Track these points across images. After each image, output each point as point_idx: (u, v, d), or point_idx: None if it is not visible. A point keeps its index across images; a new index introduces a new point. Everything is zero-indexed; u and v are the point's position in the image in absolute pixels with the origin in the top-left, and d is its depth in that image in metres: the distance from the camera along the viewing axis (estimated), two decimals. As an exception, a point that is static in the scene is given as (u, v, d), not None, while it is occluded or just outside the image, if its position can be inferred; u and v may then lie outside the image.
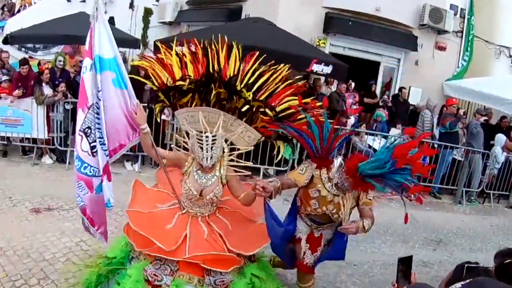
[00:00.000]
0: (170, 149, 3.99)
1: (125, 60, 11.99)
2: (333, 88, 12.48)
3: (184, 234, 3.95)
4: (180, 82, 4.18)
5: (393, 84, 14.39)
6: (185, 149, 4.26)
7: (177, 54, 4.39)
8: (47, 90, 9.21)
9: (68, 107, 9.29)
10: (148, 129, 4.18)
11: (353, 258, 6.87)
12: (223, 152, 4.13)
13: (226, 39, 4.49)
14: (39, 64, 10.68)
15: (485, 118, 12.34)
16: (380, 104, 12.82)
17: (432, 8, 13.29)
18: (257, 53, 4.38)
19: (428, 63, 14.19)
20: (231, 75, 4.18)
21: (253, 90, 4.19)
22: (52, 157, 9.61)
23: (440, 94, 14.27)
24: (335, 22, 12.56)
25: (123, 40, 10.95)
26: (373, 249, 7.50)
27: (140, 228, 3.88)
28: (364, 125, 11.54)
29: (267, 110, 4.22)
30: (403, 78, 14.18)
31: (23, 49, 12.80)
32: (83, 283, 4.36)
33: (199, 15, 15.46)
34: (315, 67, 9.95)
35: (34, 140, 9.42)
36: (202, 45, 4.43)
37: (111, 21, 13.09)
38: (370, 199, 4.51)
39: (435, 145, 11.50)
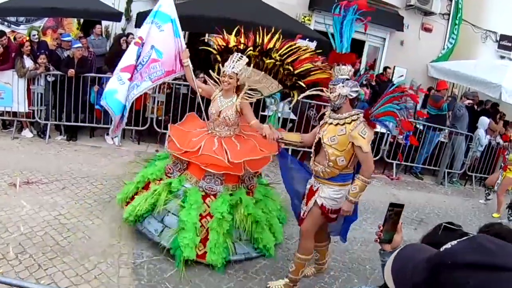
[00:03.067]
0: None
1: (108, 34, 11.77)
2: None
3: (199, 146, 5.34)
4: (233, 43, 5.40)
5: (377, 63, 14.38)
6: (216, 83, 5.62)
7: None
8: (29, 63, 8.96)
9: (50, 79, 9.06)
10: (189, 63, 5.71)
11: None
12: (243, 87, 5.42)
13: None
14: (14, 39, 10.42)
15: (470, 101, 12.34)
16: (364, 82, 12.61)
17: (420, -12, 13.22)
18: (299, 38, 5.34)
19: (413, 43, 14.21)
20: (270, 47, 5.25)
21: (281, 55, 5.23)
22: (33, 131, 9.39)
23: (424, 75, 14.36)
24: None
25: (107, 13, 10.74)
26: (353, 226, 7.17)
27: (173, 135, 5.64)
28: None
29: (286, 66, 5.24)
30: (387, 58, 14.16)
31: (5, 23, 12.50)
32: (131, 211, 5.56)
33: (185, -13, 15.18)
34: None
35: (14, 114, 9.19)
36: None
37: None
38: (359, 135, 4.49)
39: (418, 126, 11.54)
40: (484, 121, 12.03)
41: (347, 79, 4.50)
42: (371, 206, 8.59)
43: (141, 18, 10.18)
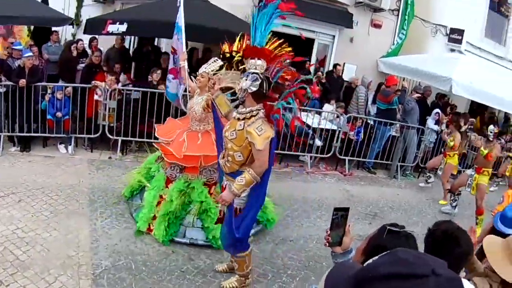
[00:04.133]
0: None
1: (58, 39, 11.70)
2: None
3: (173, 137, 6.31)
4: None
5: (327, 61, 14.49)
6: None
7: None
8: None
9: (1, 90, 8.88)
10: (185, 64, 6.77)
11: (289, 233, 7.11)
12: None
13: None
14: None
15: (418, 95, 12.66)
16: (314, 80, 12.76)
17: (369, -15, 13.35)
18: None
19: (363, 40, 14.33)
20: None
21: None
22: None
23: (374, 71, 14.52)
24: None
25: (57, 20, 10.72)
26: (308, 224, 7.69)
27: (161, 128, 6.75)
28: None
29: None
30: (337, 55, 14.23)
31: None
32: (126, 189, 7.11)
33: (133, -7, 15.15)
34: None
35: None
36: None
37: (45, 0, 12.76)
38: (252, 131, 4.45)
39: (370, 121, 11.88)
40: (434, 112, 12.54)
41: (254, 73, 4.45)
42: (325, 203, 8.84)
43: (90, 25, 10.20)
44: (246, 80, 4.44)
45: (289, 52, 4.83)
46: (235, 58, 4.66)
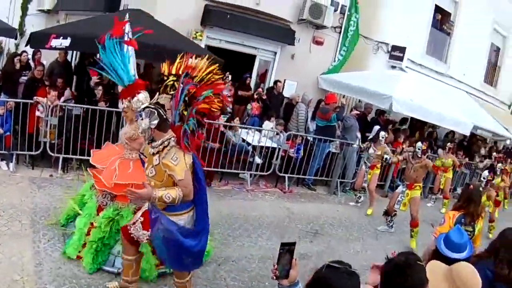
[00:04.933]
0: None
1: (1, 49, 11.76)
2: None
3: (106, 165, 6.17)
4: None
5: (268, 77, 14.75)
6: None
7: None
8: None
9: None
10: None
11: (231, 253, 7.23)
12: None
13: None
14: None
15: (358, 112, 13.07)
16: (255, 96, 13.20)
17: (313, 3, 13.70)
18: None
19: (304, 57, 14.63)
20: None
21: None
22: None
23: (315, 88, 14.90)
24: (213, 14, 12.66)
25: (2, 29, 10.77)
26: (250, 244, 7.82)
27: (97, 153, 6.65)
28: (238, 118, 11.76)
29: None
30: (278, 71, 14.51)
31: None
32: (62, 216, 6.88)
33: (77, 4, 15.21)
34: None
35: None
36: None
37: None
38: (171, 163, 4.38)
39: (310, 139, 12.25)
40: (375, 129, 12.92)
41: (144, 108, 4.40)
42: (265, 221, 9.03)
43: (34, 38, 10.18)
44: (142, 119, 4.38)
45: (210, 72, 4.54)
46: (167, 82, 4.48)
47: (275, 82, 14.01)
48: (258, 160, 11.28)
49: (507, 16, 21.90)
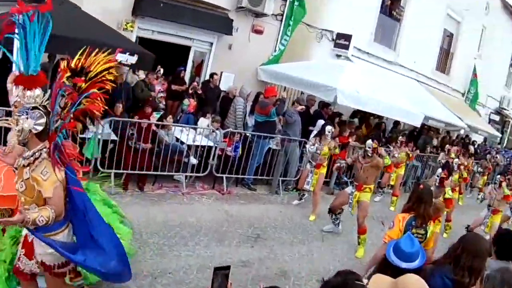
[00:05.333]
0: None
1: None
2: (141, 75, 12.62)
3: None
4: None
5: (203, 70, 14.80)
6: None
7: None
8: None
9: None
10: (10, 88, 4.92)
11: (167, 264, 7.32)
12: None
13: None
14: None
15: (302, 107, 13.23)
16: (190, 91, 13.32)
17: (252, -10, 13.64)
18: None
19: (243, 47, 14.73)
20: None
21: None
22: None
23: (254, 80, 15.07)
24: (144, 4, 12.55)
25: None
26: (187, 253, 7.92)
27: None
28: (171, 116, 11.76)
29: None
30: (214, 63, 14.55)
31: None
32: None
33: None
34: (120, 57, 9.89)
35: None
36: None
37: None
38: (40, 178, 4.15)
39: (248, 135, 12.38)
40: (319, 123, 12.99)
41: (34, 108, 4.11)
42: (203, 226, 9.15)
43: None
44: (26, 118, 4.08)
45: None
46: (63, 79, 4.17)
47: (211, 75, 14.08)
48: (193, 160, 11.38)
49: (461, 0, 22.66)
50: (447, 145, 18.18)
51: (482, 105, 29.54)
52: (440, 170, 10.04)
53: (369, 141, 10.17)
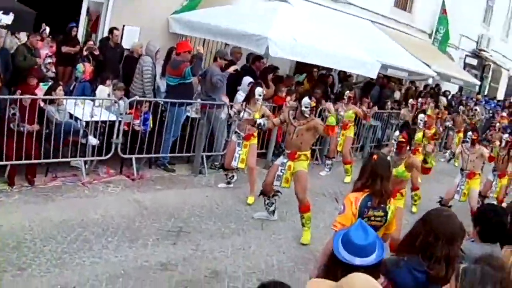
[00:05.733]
0: None
1: None
2: (23, 38, 12.47)
3: None
4: None
5: (101, 25, 14.74)
6: None
7: None
8: None
9: None
10: None
11: (69, 277, 7.22)
12: None
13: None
14: None
15: (235, 67, 13.33)
16: (85, 53, 13.24)
17: None
18: None
19: None
20: None
21: None
22: None
23: (165, 33, 15.25)
24: None
25: None
26: (92, 260, 7.83)
27: None
28: (61, 87, 11.44)
29: None
30: (114, 16, 14.46)
31: None
32: None
33: None
34: None
35: None
36: None
37: None
38: None
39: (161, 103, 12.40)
40: (245, 81, 13.22)
41: None
42: (111, 224, 9.14)
43: None
44: None
45: None
46: None
47: (111, 30, 14.09)
48: (93, 140, 11.35)
49: None
50: (411, 99, 18.64)
51: (455, 47, 30.48)
52: (397, 133, 9.92)
53: (306, 99, 10.05)
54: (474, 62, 33.71)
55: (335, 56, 14.38)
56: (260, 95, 11.46)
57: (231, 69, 13.11)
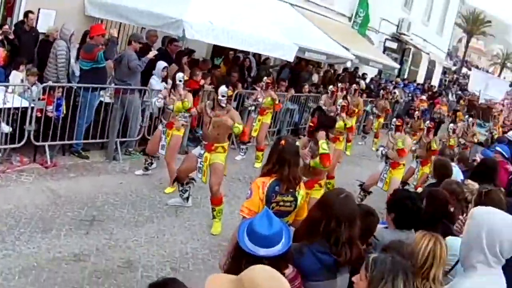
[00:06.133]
0: None
1: None
2: None
3: None
4: None
5: (16, 8, 14.50)
6: None
7: None
8: None
9: None
10: None
11: None
12: None
13: None
14: None
15: (154, 52, 13.40)
16: None
17: None
18: None
19: None
20: None
21: None
22: None
23: (81, 16, 15.12)
24: None
25: None
26: (5, 252, 7.81)
27: None
28: None
29: None
30: None
31: None
32: None
33: None
34: None
35: None
36: None
37: None
38: None
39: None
40: (159, 66, 13.48)
41: None
42: (24, 214, 9.10)
43: None
44: None
45: None
46: None
47: (26, 14, 13.89)
48: (5, 128, 11.19)
49: None
50: (330, 86, 18.74)
51: (375, 31, 31.17)
52: (223, 87, 10.04)
53: (223, 87, 10.10)
54: (394, 45, 34.43)
55: (252, 39, 14.52)
56: (180, 81, 11.48)
57: (151, 54, 13.19)
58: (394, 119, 13.35)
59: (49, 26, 14.21)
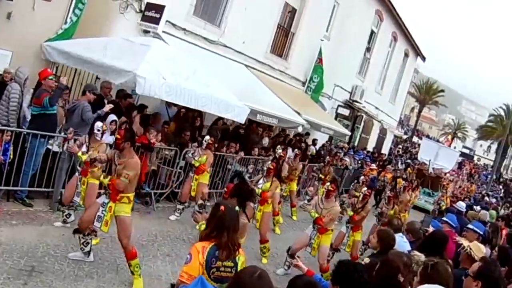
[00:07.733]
0: None
1: None
2: None
3: None
4: None
5: None
6: None
7: None
8: None
9: None
10: None
11: None
12: None
13: None
14: None
15: (92, 97, 13.72)
16: None
17: None
18: None
19: (25, 16, 14.81)
20: None
21: None
22: None
23: (38, 60, 15.29)
24: None
25: None
26: None
27: None
28: None
29: None
30: None
31: None
32: None
33: None
34: None
35: None
36: None
37: None
38: None
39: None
40: (109, 119, 13.35)
41: None
42: None
43: None
44: None
45: None
46: None
47: None
48: None
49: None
50: (278, 146, 18.65)
51: (328, 97, 31.67)
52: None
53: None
54: (346, 112, 34.86)
55: (204, 98, 14.74)
56: (98, 130, 11.54)
57: (107, 107, 13.48)
58: (328, 183, 13.48)
59: (5, 68, 14.23)
